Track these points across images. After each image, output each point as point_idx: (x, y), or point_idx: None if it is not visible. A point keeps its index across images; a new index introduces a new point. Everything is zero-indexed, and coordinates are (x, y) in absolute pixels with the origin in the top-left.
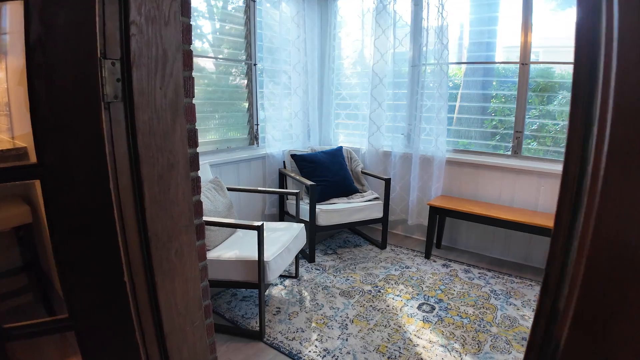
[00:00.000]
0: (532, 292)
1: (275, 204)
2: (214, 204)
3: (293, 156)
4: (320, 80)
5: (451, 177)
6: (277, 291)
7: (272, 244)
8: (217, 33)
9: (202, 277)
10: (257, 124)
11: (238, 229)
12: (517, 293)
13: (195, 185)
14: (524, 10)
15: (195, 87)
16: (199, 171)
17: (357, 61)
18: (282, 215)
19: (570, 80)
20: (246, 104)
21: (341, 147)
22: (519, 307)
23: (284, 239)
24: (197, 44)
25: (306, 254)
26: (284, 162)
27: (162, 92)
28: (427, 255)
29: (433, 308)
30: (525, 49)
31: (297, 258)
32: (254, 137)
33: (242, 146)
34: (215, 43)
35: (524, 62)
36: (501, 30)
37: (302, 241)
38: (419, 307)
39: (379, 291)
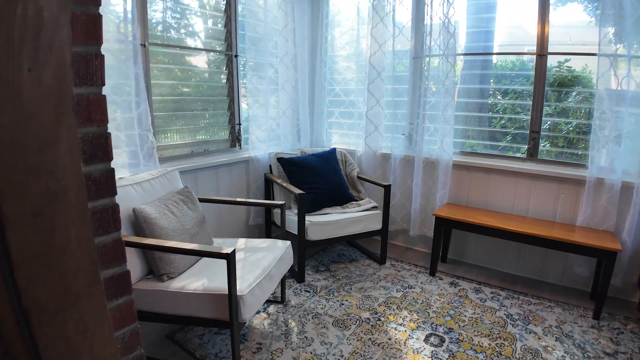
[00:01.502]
0: (552, 316)
1: (261, 214)
2: (180, 220)
3: (280, 160)
4: (311, 74)
5: (458, 182)
6: (258, 321)
7: (250, 271)
8: (186, 19)
9: (129, 347)
10: (240, 124)
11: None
12: (536, 317)
13: (106, 219)
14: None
15: (162, 80)
16: (115, 197)
17: (352, 53)
18: (269, 226)
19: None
20: (226, 101)
21: (335, 149)
22: (540, 336)
23: (265, 262)
24: (158, 29)
25: (295, 272)
26: (270, 166)
27: (34, 77)
28: (432, 272)
29: (442, 340)
30: (543, 39)
31: (283, 278)
32: (235, 139)
33: (222, 149)
34: (180, 29)
35: (542, 53)
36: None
37: (289, 262)
38: (426, 340)
39: (379, 319)
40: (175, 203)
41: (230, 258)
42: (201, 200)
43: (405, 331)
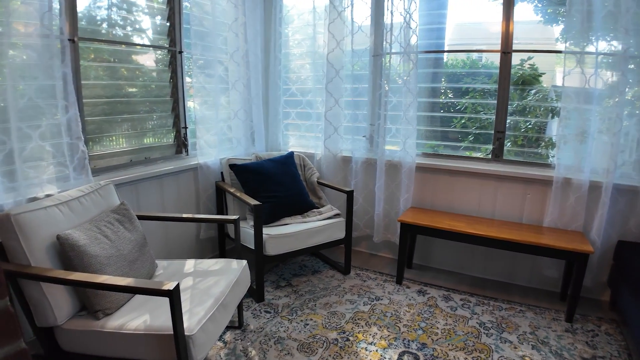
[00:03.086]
0: (525, 322)
1: (213, 226)
2: (115, 244)
3: (233, 166)
4: (265, 72)
5: (422, 185)
6: (213, 352)
7: (201, 302)
8: (125, 11)
9: None
10: (186, 127)
11: (153, 279)
12: (509, 324)
13: None
14: None
15: (92, 80)
16: None
17: (308, 50)
18: (223, 238)
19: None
20: (170, 102)
21: (292, 153)
22: (516, 345)
23: (217, 289)
24: (103, 26)
25: (253, 290)
26: (221, 173)
27: None
28: (399, 280)
29: (417, 358)
30: (508, 37)
31: (241, 300)
32: (181, 144)
33: (167, 156)
34: (118, 23)
35: (506, 50)
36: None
37: (245, 285)
38: (399, 359)
39: (348, 339)
40: (109, 224)
41: (173, 295)
42: (141, 218)
43: (377, 351)
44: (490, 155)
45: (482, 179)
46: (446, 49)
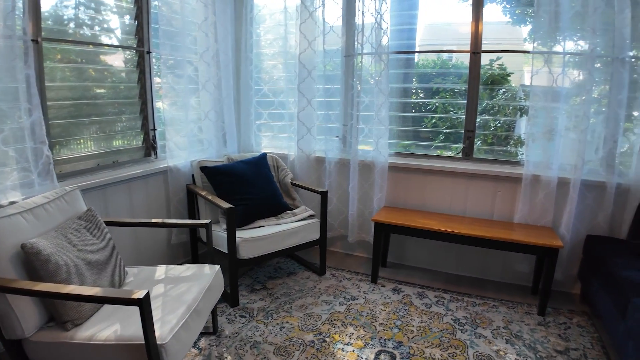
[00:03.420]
0: (499, 317)
1: (185, 230)
2: (83, 252)
3: (204, 169)
4: (236, 72)
5: (395, 185)
6: (188, 359)
7: (173, 309)
8: (92, 10)
9: None
10: (155, 129)
11: (123, 287)
12: (483, 320)
13: None
14: None
15: (58, 82)
16: None
17: (280, 50)
18: (195, 243)
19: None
20: (138, 104)
21: (265, 154)
22: (490, 340)
23: (190, 296)
24: (70, 25)
25: (227, 295)
26: (192, 176)
27: None
28: (374, 279)
29: (394, 357)
30: (477, 37)
31: (215, 305)
32: (150, 146)
33: (135, 159)
34: (85, 22)
35: (476, 50)
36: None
37: (219, 290)
38: (376, 359)
39: (324, 340)
40: (76, 231)
41: (143, 304)
42: (109, 224)
43: (354, 351)
44: (460, 154)
45: (453, 177)
46: (417, 49)
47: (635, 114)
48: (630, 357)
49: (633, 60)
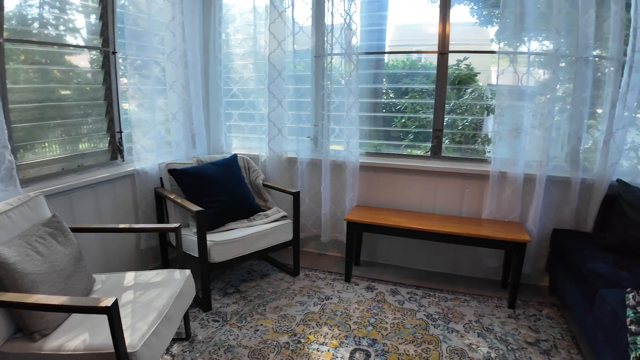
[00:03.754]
0: (470, 311)
1: (154, 235)
2: (49, 260)
3: (172, 171)
4: (205, 72)
5: (367, 184)
6: None
7: (143, 316)
8: (57, 10)
9: None
10: (121, 131)
11: (91, 295)
12: (455, 314)
13: None
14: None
15: (22, 84)
16: None
17: (250, 50)
18: (165, 248)
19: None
20: (104, 106)
21: (236, 156)
22: (462, 334)
23: (160, 302)
24: (34, 25)
25: (199, 299)
26: (160, 179)
27: None
28: (348, 278)
29: (368, 355)
30: (444, 38)
31: (186, 311)
32: (116, 149)
33: (101, 162)
34: (50, 22)
35: (443, 51)
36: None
37: (190, 295)
38: (351, 357)
39: (299, 341)
40: (41, 239)
41: (111, 312)
42: (75, 230)
43: (329, 351)
44: (429, 153)
45: (423, 175)
46: (387, 50)
47: (599, 111)
48: (600, 347)
49: (597, 59)
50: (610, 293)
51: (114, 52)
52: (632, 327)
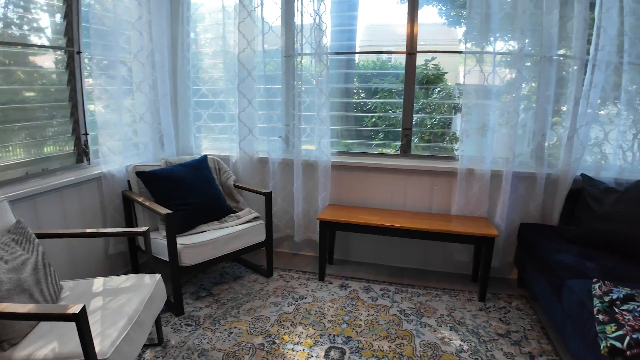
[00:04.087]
0: (442, 305)
1: (123, 239)
2: (14, 267)
3: (140, 174)
4: (173, 72)
5: (339, 183)
6: None
7: (113, 322)
8: (22, 9)
9: None
10: (87, 133)
11: (59, 302)
12: (427, 309)
13: None
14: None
15: None
16: None
17: (219, 50)
18: (134, 252)
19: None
20: (69, 107)
21: (206, 157)
22: (435, 328)
23: (130, 307)
24: None
25: (171, 304)
26: (128, 182)
27: None
28: (321, 277)
29: (343, 352)
30: (412, 38)
31: (158, 315)
32: (82, 152)
33: (67, 165)
34: (14, 22)
35: (411, 51)
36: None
37: (161, 299)
38: (326, 356)
39: (274, 342)
40: (5, 246)
41: (79, 319)
42: (41, 236)
43: (304, 350)
44: (399, 151)
45: (393, 173)
46: (358, 50)
47: (564, 108)
48: (569, 336)
49: (562, 58)
50: (576, 284)
51: (79, 52)
52: (600, 317)
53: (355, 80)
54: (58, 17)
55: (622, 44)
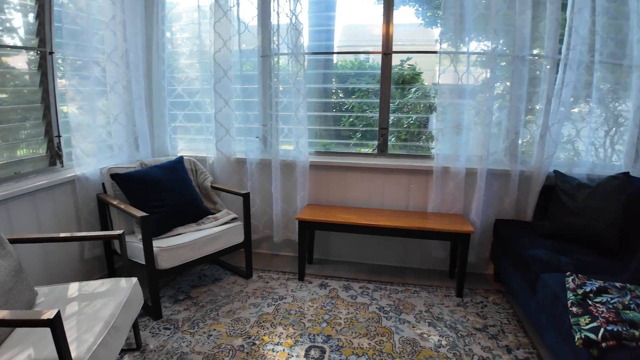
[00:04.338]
0: (420, 301)
1: (99, 244)
2: None
3: (115, 176)
4: (147, 72)
5: (317, 182)
6: None
7: (89, 327)
8: None
9: None
10: (60, 135)
11: (34, 308)
12: (406, 305)
13: None
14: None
15: None
16: None
17: (195, 50)
18: (110, 256)
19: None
20: (41, 109)
21: (182, 158)
22: (413, 324)
23: (107, 312)
24: None
25: (148, 308)
26: (103, 184)
27: None
28: (301, 277)
29: (323, 351)
30: (388, 38)
31: (135, 320)
32: (55, 155)
33: (40, 169)
34: None
35: (387, 51)
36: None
37: (138, 303)
38: (306, 355)
39: (254, 343)
40: None
41: (54, 324)
42: (14, 241)
43: (284, 350)
44: (376, 151)
45: (371, 173)
46: (336, 50)
47: (537, 107)
48: (544, 329)
49: (536, 57)
50: (550, 277)
51: (51, 53)
52: (574, 309)
53: (333, 80)
54: (30, 17)
55: (593, 43)
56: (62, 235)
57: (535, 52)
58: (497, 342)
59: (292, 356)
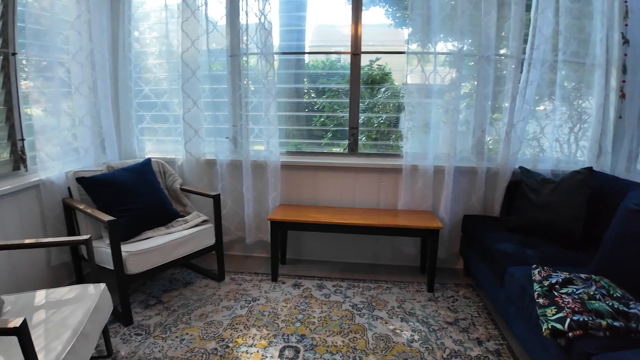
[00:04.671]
0: (392, 297)
1: (66, 249)
2: None
3: (81, 180)
4: (114, 73)
5: (289, 182)
6: None
7: (57, 335)
8: None
9: None
10: (24, 139)
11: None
12: (378, 302)
13: None
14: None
15: None
16: None
17: (162, 50)
18: (78, 262)
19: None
20: (4, 112)
21: (150, 160)
22: (386, 320)
23: (75, 319)
24: None
25: (119, 314)
26: (69, 188)
27: None
28: (274, 278)
29: (297, 351)
30: (357, 39)
31: (106, 327)
32: (19, 159)
33: (3, 173)
34: None
35: (356, 52)
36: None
37: (108, 309)
38: (280, 355)
39: (227, 346)
40: None
41: (20, 333)
42: None
43: (258, 351)
44: (347, 150)
45: (342, 172)
46: (307, 50)
47: (504, 105)
48: (513, 320)
49: (502, 57)
50: (517, 270)
51: (14, 54)
52: (540, 301)
53: (305, 80)
54: None
55: (557, 42)
56: (27, 241)
57: (501, 52)
58: (468, 335)
59: (267, 357)
